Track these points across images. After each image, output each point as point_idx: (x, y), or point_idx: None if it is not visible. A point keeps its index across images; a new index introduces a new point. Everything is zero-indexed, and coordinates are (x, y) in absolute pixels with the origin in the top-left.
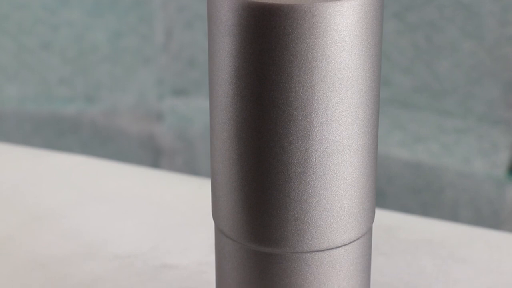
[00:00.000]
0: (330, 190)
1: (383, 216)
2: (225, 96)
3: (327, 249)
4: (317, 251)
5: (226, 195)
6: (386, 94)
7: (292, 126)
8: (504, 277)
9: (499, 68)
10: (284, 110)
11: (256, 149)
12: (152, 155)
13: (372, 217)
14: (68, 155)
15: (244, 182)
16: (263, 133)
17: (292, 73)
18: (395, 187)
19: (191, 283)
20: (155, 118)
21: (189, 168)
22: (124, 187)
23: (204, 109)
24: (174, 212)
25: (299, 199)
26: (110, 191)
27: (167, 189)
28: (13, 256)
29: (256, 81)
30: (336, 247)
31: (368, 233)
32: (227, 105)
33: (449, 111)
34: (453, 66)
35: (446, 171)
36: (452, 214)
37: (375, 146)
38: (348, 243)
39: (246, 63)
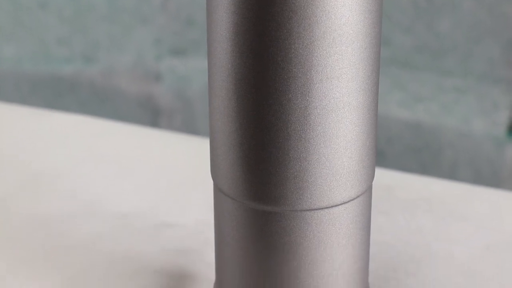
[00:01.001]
0: (329, 147)
1: (382, 175)
2: (223, 53)
3: (326, 207)
4: (316, 209)
5: (225, 153)
6: (386, 54)
7: (291, 83)
8: (503, 235)
9: (499, 27)
10: (283, 67)
11: (255, 106)
12: (150, 115)
13: (372, 175)
14: (67, 115)
15: (243, 139)
16: (262, 90)
17: (291, 29)
18: (394, 147)
19: (190, 242)
20: (153, 78)
21: (188, 128)
22: (123, 146)
23: (203, 69)
24: (173, 171)
25: (298, 157)
26: (109, 151)
27: (166, 148)
28: (12, 215)
29: (255, 37)
30: (336, 205)
31: (368, 191)
32: (226, 62)
33: (449, 70)
34: (453, 25)
35: (445, 131)
36: (451, 173)
37: (376, 103)
38: (348, 201)
39: (245, 19)
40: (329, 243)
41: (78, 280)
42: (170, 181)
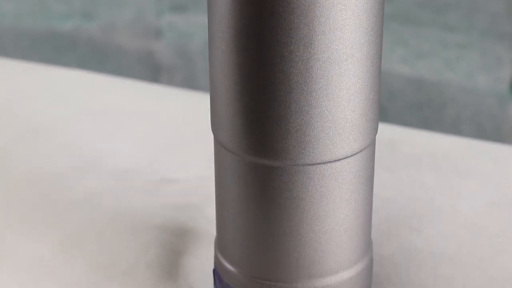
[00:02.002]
0: (332, 101)
1: (385, 130)
2: (224, 4)
3: (329, 162)
4: (319, 163)
5: (226, 107)
6: (388, 9)
7: (294, 35)
8: (508, 191)
9: None
10: (285, 18)
11: (256, 58)
12: (151, 72)
13: (375, 129)
14: (66, 70)
15: (244, 93)
16: (263, 42)
17: None
18: (396, 104)
19: (190, 197)
20: (153, 34)
21: (189, 85)
22: (123, 102)
23: (204, 25)
24: (173, 126)
25: (300, 110)
26: (108, 106)
27: (166, 104)
28: (10, 170)
29: None
30: (339, 160)
31: (371, 146)
32: (226, 13)
33: (452, 26)
34: None
35: (448, 87)
36: (453, 129)
37: (379, 55)
38: (351, 156)
39: None
40: (331, 198)
41: (77, 236)
42: (170, 137)
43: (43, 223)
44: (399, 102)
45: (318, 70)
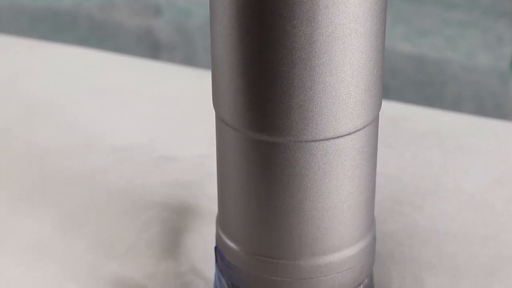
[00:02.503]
0: (335, 76)
1: (387, 107)
2: None
3: (332, 138)
4: (322, 140)
5: (227, 82)
6: None
7: (296, 9)
8: (511, 168)
9: None
10: None
11: (258, 33)
12: (150, 50)
13: (379, 105)
14: (65, 47)
15: (246, 68)
16: (266, 16)
17: None
18: (398, 81)
19: (191, 175)
20: (152, 11)
21: (188, 63)
22: (123, 80)
23: (203, 2)
24: (174, 104)
25: (303, 86)
26: (108, 84)
27: (167, 81)
28: (10, 148)
29: None
30: (342, 136)
31: (374, 122)
32: None
33: (453, 3)
34: None
35: (449, 65)
36: (455, 107)
37: (383, 30)
38: (354, 132)
39: None
40: (334, 174)
41: (77, 215)
42: (171, 114)
43: (42, 202)
44: (401, 80)
45: (321, 45)
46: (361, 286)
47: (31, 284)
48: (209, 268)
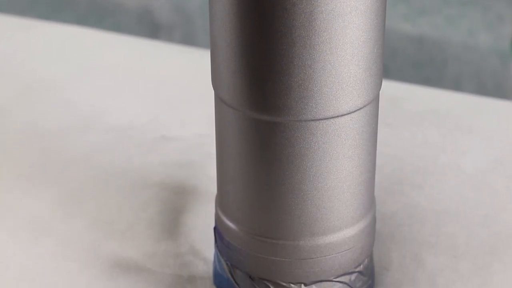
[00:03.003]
0: (335, 55)
1: (387, 87)
2: None
3: (332, 117)
4: (321, 119)
5: (227, 62)
6: None
7: None
8: (511, 147)
9: None
10: None
11: (257, 11)
12: (149, 30)
13: (379, 84)
14: (64, 26)
15: (245, 47)
16: None
17: None
18: (397, 61)
19: (190, 155)
20: None
21: (187, 43)
22: (122, 59)
23: None
24: (173, 84)
25: (303, 65)
26: (107, 63)
27: (166, 61)
28: (9, 127)
29: None
30: (342, 115)
31: (374, 101)
32: None
33: None
34: None
35: (450, 45)
36: (455, 87)
37: (384, 8)
38: (354, 111)
39: None
40: (334, 154)
41: (76, 194)
42: (170, 94)
43: (42, 181)
44: (401, 60)
45: (321, 23)
46: (361, 266)
47: (30, 263)
48: (208, 249)
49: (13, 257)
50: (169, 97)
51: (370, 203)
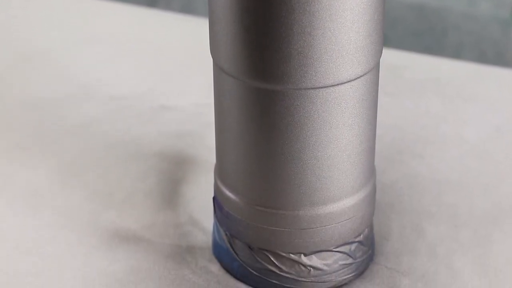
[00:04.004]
0: (335, 21)
1: (388, 56)
2: None
3: (332, 85)
4: (321, 87)
5: (225, 29)
6: None
7: None
8: None
9: None
10: None
11: None
12: None
13: (379, 51)
14: None
15: (244, 14)
16: None
17: None
18: (397, 31)
19: (189, 124)
20: None
21: (186, 12)
22: (119, 28)
23: None
24: (172, 53)
25: (302, 32)
26: (105, 31)
27: (164, 30)
28: (5, 97)
29: None
30: (342, 83)
31: (375, 69)
32: None
33: None
34: None
35: (450, 13)
36: (456, 56)
37: None
38: (355, 79)
39: None
40: (334, 123)
41: (74, 165)
42: (169, 63)
43: (39, 151)
44: (401, 29)
45: None
46: (361, 236)
47: (28, 234)
48: (207, 219)
49: (11, 227)
50: (167, 67)
51: (370, 172)
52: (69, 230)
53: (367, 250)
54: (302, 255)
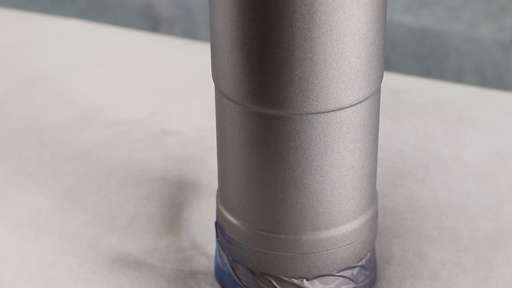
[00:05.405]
0: (336, 47)
1: (389, 79)
2: None
3: (333, 110)
4: (323, 112)
5: (227, 55)
6: None
7: None
8: None
9: None
10: None
11: (258, 3)
12: (150, 24)
13: (380, 76)
14: (63, 19)
15: (246, 39)
16: None
17: None
18: (399, 54)
19: (191, 149)
20: None
21: (188, 37)
22: (122, 52)
23: None
24: (174, 77)
25: (303, 57)
26: (107, 56)
27: (166, 54)
28: (8, 122)
29: None
30: (343, 108)
31: (376, 93)
32: None
33: None
34: None
35: (451, 37)
36: (457, 80)
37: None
38: (356, 104)
39: None
40: (336, 147)
41: (76, 189)
42: (170, 88)
43: (41, 176)
44: (402, 52)
45: (322, 15)
46: (363, 260)
47: (30, 259)
48: (209, 243)
49: (13, 252)
50: (169, 91)
51: (372, 196)
52: (71, 255)
53: (370, 275)
54: (304, 280)
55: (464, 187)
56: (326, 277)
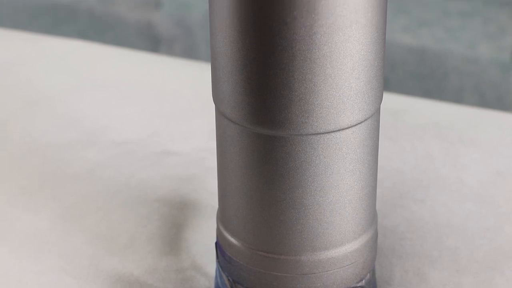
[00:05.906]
0: (336, 68)
1: (388, 100)
2: None
3: (333, 131)
4: (322, 133)
5: (227, 76)
6: None
7: (296, 0)
8: None
9: None
10: None
11: (258, 25)
12: (150, 43)
13: (380, 97)
14: (65, 40)
15: (246, 61)
16: (266, 8)
17: None
18: (398, 74)
19: (192, 169)
20: (153, 5)
21: (188, 56)
22: (123, 73)
23: None
24: (174, 98)
25: (303, 79)
26: (109, 77)
27: (167, 75)
28: (10, 142)
29: None
30: (343, 129)
31: (375, 114)
32: None
33: None
34: None
35: (450, 57)
36: (456, 100)
37: (384, 21)
38: (355, 125)
39: None
40: (335, 168)
41: (77, 209)
42: (172, 108)
43: (42, 196)
44: (401, 72)
45: (322, 37)
46: (363, 281)
47: (30, 278)
48: (210, 264)
49: (13, 272)
50: (170, 111)
51: (372, 217)
52: (71, 276)
53: None
54: None
55: (464, 207)
56: None
